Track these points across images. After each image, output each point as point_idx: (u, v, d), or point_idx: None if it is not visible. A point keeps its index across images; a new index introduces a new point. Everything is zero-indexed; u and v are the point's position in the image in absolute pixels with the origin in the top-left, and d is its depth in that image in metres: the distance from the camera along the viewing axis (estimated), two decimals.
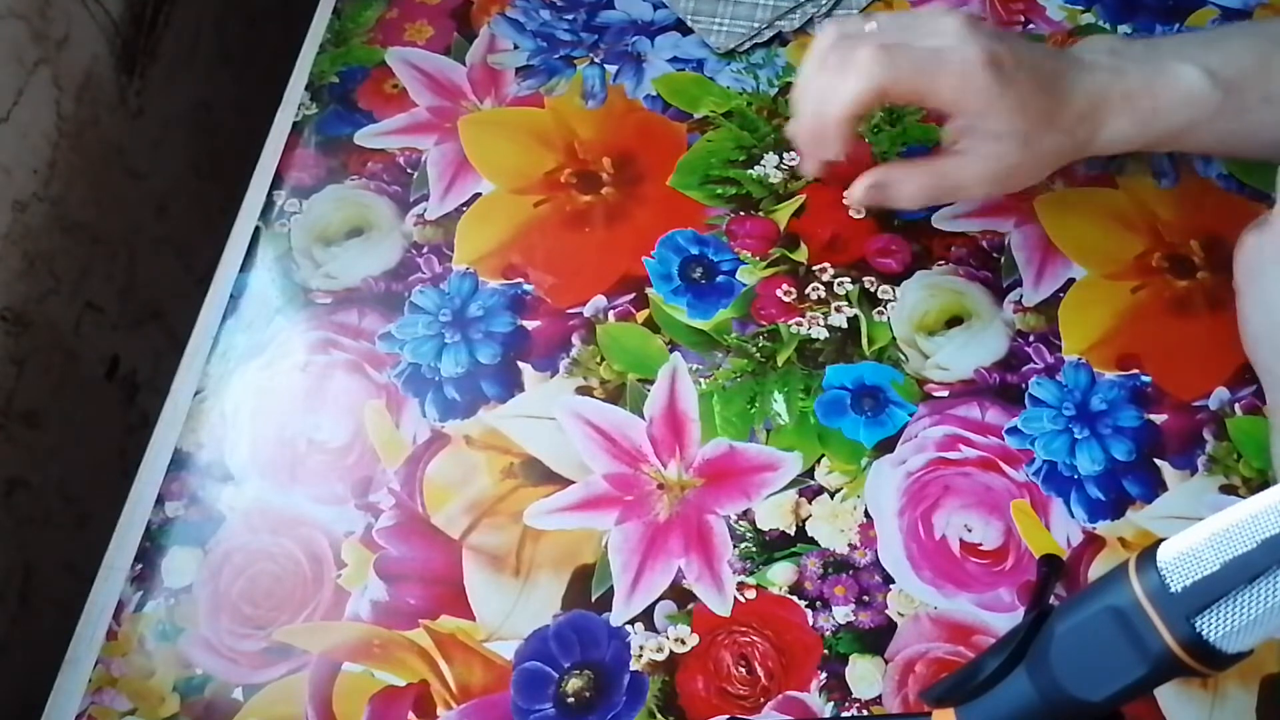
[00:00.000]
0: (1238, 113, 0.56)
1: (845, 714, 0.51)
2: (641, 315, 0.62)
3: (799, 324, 0.61)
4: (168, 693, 0.53)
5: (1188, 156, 0.65)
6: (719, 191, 0.65)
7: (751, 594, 0.54)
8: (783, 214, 0.65)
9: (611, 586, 0.54)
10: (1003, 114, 0.55)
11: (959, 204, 0.64)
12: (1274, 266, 0.53)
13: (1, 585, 0.67)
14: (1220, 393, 0.58)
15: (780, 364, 0.60)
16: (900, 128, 0.67)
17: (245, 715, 0.52)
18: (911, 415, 0.58)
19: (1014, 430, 0.58)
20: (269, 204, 0.66)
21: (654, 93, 0.69)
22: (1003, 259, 0.63)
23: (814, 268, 0.63)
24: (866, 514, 0.56)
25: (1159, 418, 0.58)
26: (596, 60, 0.71)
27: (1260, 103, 0.56)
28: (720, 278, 0.63)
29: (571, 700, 0.52)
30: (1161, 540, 0.35)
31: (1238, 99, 0.56)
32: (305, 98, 0.69)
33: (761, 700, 0.52)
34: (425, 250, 0.64)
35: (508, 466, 0.58)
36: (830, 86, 0.55)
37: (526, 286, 0.63)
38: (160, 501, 0.57)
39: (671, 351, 0.60)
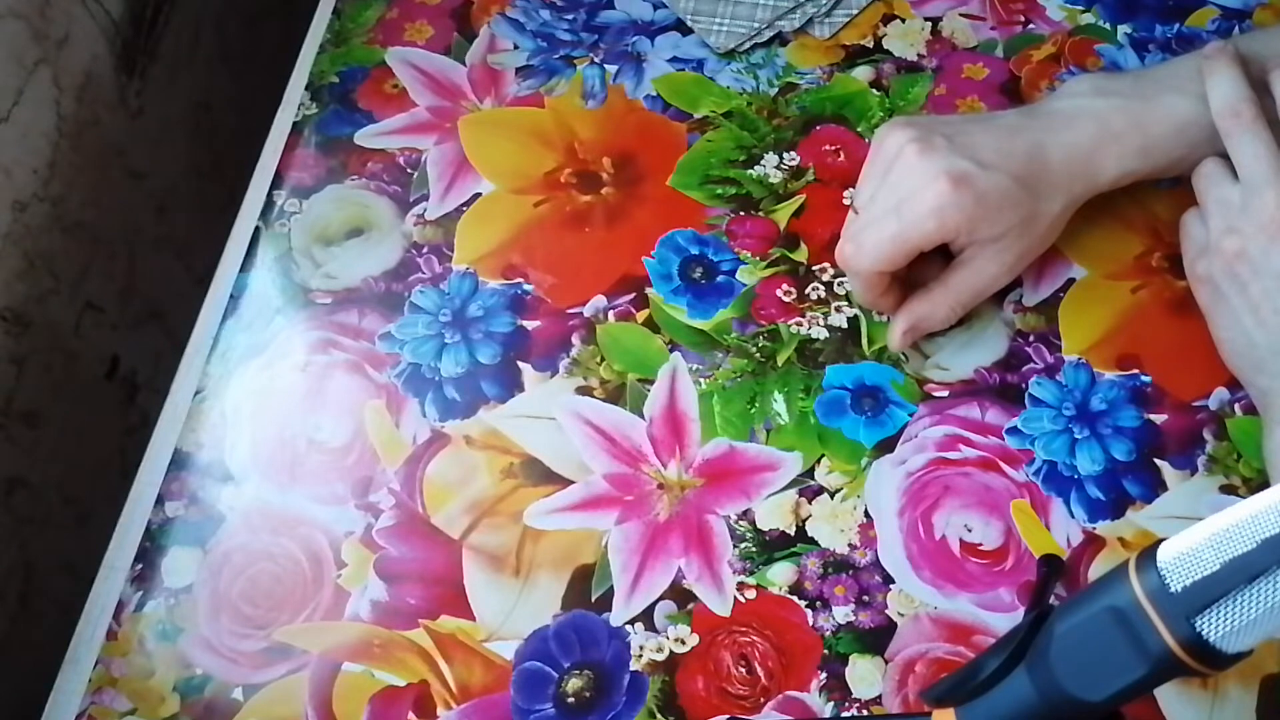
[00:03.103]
0: None
1: (845, 714, 0.51)
2: (641, 315, 0.62)
3: (799, 324, 0.61)
4: (168, 693, 0.53)
5: None
6: (719, 191, 0.65)
7: (751, 594, 0.54)
8: (783, 214, 0.65)
9: (611, 586, 0.54)
10: (988, 221, 0.55)
11: None
12: (1229, 286, 0.54)
13: (1, 585, 0.67)
14: (1220, 393, 0.58)
15: (780, 364, 0.60)
16: None
17: (245, 715, 0.52)
18: (911, 415, 0.58)
19: (1014, 430, 0.58)
20: (269, 204, 0.66)
21: (654, 93, 0.69)
22: None
23: (814, 268, 0.63)
24: (866, 514, 0.56)
25: (1159, 418, 0.58)
26: (596, 60, 0.71)
27: None
28: (720, 278, 0.63)
29: (571, 700, 0.52)
30: (1161, 540, 0.35)
31: None
32: (305, 98, 0.69)
33: (761, 700, 0.52)
34: (425, 250, 0.64)
35: (508, 466, 0.58)
36: (847, 269, 0.59)
37: (526, 286, 0.63)
38: (160, 501, 0.57)
39: (671, 351, 0.60)
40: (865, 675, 0.52)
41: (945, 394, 0.59)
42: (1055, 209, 0.57)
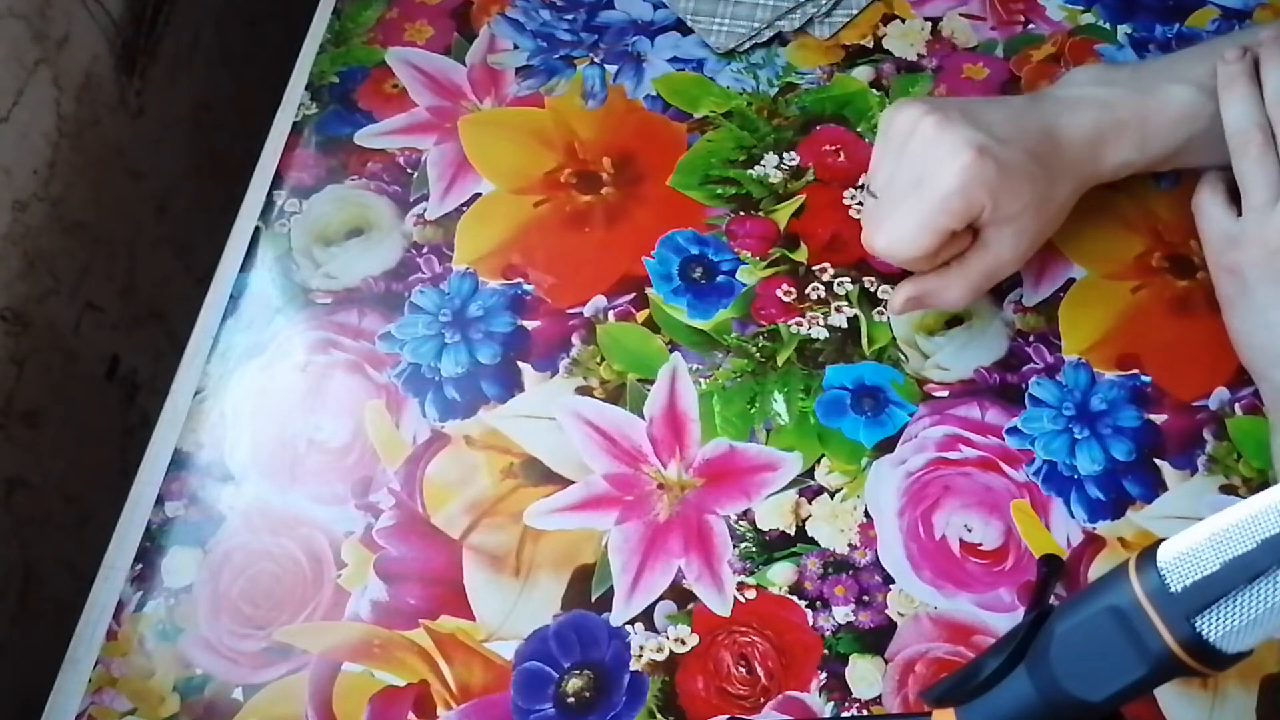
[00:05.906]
0: None
1: (845, 714, 0.51)
2: (641, 315, 0.62)
3: (799, 324, 0.61)
4: (168, 693, 0.53)
5: None
6: (719, 191, 0.65)
7: (751, 594, 0.54)
8: (783, 214, 0.65)
9: (611, 586, 0.54)
10: (1009, 195, 0.54)
11: None
12: (1259, 281, 0.54)
13: (1, 585, 0.67)
14: (1220, 393, 0.58)
15: (780, 364, 0.60)
16: None
17: (245, 715, 0.52)
18: (911, 415, 0.58)
19: (1014, 430, 0.58)
20: (269, 204, 0.66)
21: (654, 93, 0.69)
22: None
23: (814, 268, 0.63)
24: (866, 514, 0.56)
25: (1159, 418, 0.58)
26: (596, 60, 0.71)
27: None
28: (720, 278, 0.63)
29: (571, 700, 0.52)
30: (1161, 540, 0.35)
31: None
32: (305, 98, 0.69)
33: (761, 700, 0.52)
34: (425, 250, 0.64)
35: (508, 466, 0.58)
36: (885, 258, 0.57)
37: (526, 286, 0.63)
38: (160, 501, 0.57)
39: (671, 351, 0.60)
40: (865, 675, 0.52)
41: (945, 394, 0.59)
42: (1065, 192, 0.57)
